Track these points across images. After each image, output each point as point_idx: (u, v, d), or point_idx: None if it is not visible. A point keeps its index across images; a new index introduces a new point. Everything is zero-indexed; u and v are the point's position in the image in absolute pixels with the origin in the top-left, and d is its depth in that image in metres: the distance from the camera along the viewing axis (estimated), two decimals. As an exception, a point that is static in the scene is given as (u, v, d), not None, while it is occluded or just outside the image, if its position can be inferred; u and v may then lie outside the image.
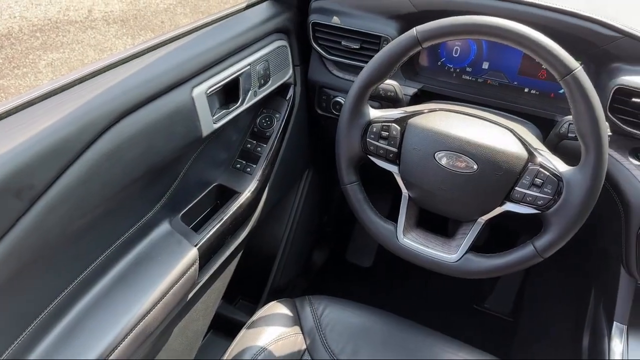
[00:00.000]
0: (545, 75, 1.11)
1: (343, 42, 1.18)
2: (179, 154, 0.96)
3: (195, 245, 1.01)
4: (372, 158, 0.98)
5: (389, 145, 0.95)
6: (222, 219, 1.08)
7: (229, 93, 1.05)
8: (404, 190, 0.97)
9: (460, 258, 0.92)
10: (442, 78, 1.20)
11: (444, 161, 0.90)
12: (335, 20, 1.18)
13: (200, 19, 1.06)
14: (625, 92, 0.96)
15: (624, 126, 0.98)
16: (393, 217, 0.98)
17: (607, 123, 0.83)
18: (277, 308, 1.08)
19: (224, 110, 1.02)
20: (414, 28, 0.88)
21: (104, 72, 0.85)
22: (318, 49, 1.23)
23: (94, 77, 0.84)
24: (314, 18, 1.20)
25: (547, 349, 1.50)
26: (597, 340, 1.11)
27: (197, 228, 1.06)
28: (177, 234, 1.01)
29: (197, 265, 1.01)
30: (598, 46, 1.00)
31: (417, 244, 0.95)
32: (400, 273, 1.85)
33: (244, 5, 1.16)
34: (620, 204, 1.02)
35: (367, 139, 0.96)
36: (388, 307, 1.12)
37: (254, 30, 1.09)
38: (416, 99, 1.17)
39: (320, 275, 1.86)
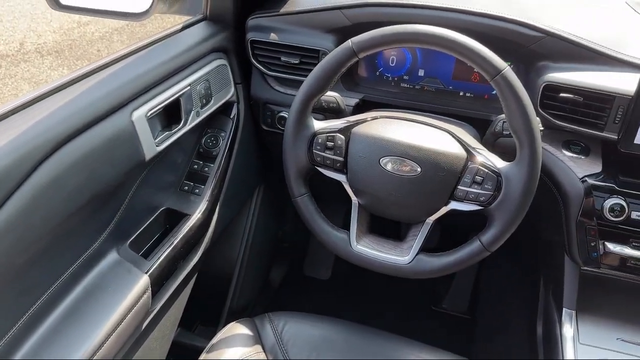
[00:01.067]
0: (478, 78, 1.16)
1: (283, 58, 1.19)
2: (123, 179, 0.94)
3: (146, 272, 0.98)
4: (319, 169, 0.99)
5: (335, 155, 0.96)
6: (172, 243, 1.06)
7: (170, 115, 1.04)
8: (354, 198, 0.98)
9: (413, 259, 0.94)
10: (381, 87, 1.23)
11: (389, 166, 0.92)
12: (273, 37, 1.19)
13: (136, 42, 1.05)
14: (553, 88, 1.01)
15: (554, 120, 1.04)
16: (348, 226, 0.99)
17: (538, 118, 0.87)
18: (237, 329, 1.07)
19: (167, 132, 1.01)
20: (349, 40, 0.91)
21: (39, 101, 0.83)
22: (258, 66, 1.23)
23: (28, 107, 0.82)
24: (251, 36, 1.21)
25: (505, 342, 1.55)
26: (550, 328, 1.15)
27: (147, 254, 1.04)
28: (126, 263, 0.98)
29: (149, 292, 0.99)
30: (524, 46, 1.06)
31: (370, 249, 0.97)
32: (359, 282, 1.86)
33: (180, 26, 1.16)
34: (559, 194, 1.07)
35: (314, 151, 0.97)
36: (349, 316, 1.12)
37: (192, 50, 1.09)
38: (358, 108, 1.19)
39: (280, 292, 1.84)
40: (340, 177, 0.98)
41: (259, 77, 1.28)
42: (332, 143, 0.96)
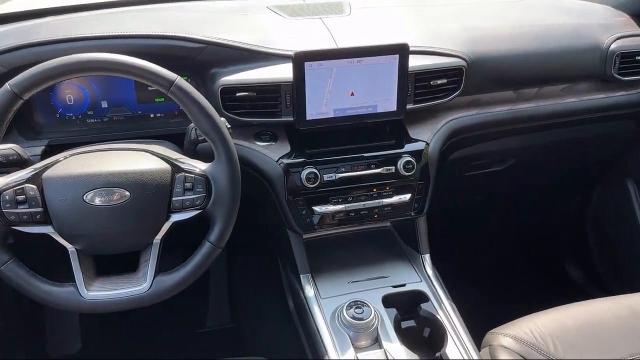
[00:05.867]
0: (163, 98, 1.20)
1: None
2: None
3: None
4: (19, 228, 0.89)
5: (31, 207, 0.88)
6: None
7: None
8: (69, 246, 0.91)
9: (152, 284, 0.92)
10: (66, 128, 1.17)
11: (96, 200, 0.88)
12: None
13: None
14: (229, 90, 1.12)
15: (240, 118, 1.15)
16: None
17: (223, 118, 0.95)
18: None
19: None
20: (7, 83, 0.84)
21: None
22: None
23: None
24: None
25: (271, 330, 1.64)
26: (296, 298, 1.27)
27: None
28: None
29: None
30: (193, 59, 1.14)
31: (104, 292, 0.92)
32: (115, 336, 1.73)
33: None
34: (264, 180, 1.19)
35: (3, 211, 0.86)
36: None
37: None
38: (47, 155, 1.10)
39: None
40: (46, 229, 0.89)
41: None
42: (23, 196, 0.87)
